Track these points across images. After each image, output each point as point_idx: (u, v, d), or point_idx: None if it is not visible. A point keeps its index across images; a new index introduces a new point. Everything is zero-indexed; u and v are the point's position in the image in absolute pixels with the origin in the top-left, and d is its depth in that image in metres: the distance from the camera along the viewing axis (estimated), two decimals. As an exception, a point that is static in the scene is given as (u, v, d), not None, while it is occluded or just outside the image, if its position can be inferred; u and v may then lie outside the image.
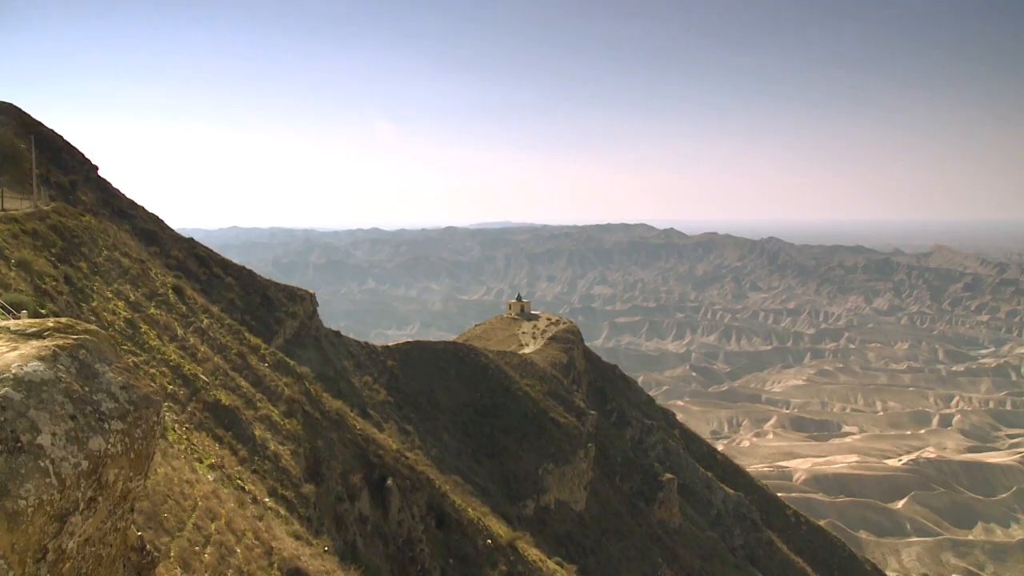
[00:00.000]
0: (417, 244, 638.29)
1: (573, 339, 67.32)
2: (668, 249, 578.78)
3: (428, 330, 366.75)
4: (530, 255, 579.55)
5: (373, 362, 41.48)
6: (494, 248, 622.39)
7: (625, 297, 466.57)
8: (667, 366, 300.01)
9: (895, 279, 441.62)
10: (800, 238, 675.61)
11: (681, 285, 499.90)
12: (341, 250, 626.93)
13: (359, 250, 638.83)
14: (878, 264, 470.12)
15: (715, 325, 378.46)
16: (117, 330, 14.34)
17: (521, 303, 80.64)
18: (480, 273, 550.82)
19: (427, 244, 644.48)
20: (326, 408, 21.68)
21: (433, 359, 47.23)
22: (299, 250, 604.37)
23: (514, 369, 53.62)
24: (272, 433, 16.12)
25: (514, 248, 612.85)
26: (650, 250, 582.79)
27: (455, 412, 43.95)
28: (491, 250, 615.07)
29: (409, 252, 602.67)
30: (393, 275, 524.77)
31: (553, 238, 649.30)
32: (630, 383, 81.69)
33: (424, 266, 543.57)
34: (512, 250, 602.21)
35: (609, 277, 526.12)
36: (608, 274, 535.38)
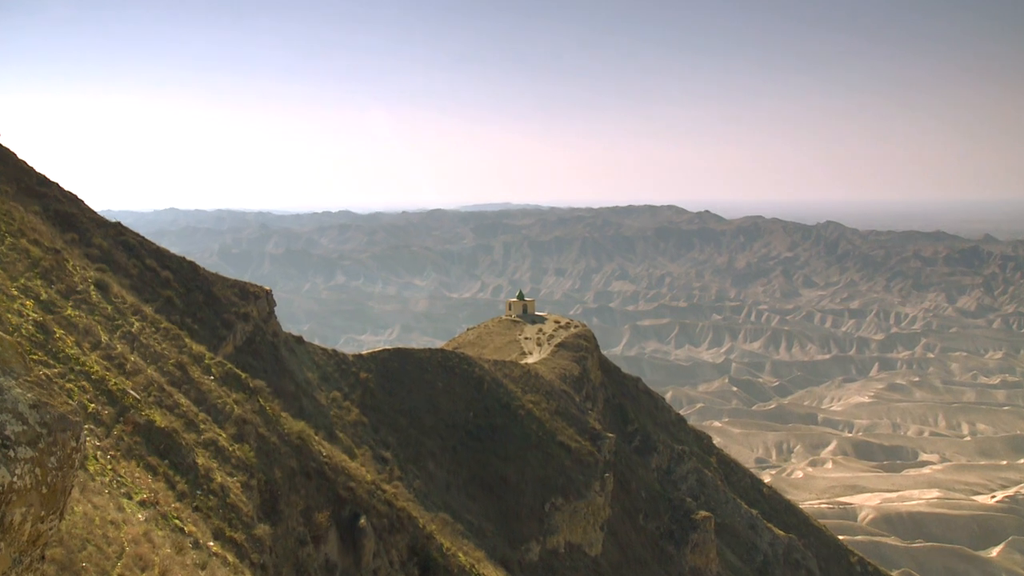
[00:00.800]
0: (397, 230, 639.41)
1: (587, 346, 67.45)
2: (703, 236, 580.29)
3: (410, 335, 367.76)
4: (534, 244, 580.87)
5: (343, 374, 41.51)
6: (491, 235, 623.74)
7: (650, 295, 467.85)
8: (701, 379, 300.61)
9: (985, 273, 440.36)
10: (865, 222, 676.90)
11: (719, 280, 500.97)
12: (304, 237, 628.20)
13: (326, 237, 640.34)
14: (964, 254, 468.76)
15: (760, 329, 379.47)
16: (25, 336, 14.26)
17: (523, 302, 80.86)
18: (473, 266, 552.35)
19: (409, 230, 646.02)
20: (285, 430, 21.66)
21: (416, 370, 47.28)
22: (252, 237, 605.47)
23: (515, 382, 53.73)
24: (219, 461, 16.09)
25: (515, 235, 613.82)
26: (681, 237, 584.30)
27: (443, 435, 44.01)
28: (487, 237, 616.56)
29: (387, 240, 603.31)
30: (367, 268, 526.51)
31: (562, 223, 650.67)
32: (656, 400, 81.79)
33: (405, 257, 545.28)
34: (512, 238, 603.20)
35: (630, 271, 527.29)
36: (629, 267, 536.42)
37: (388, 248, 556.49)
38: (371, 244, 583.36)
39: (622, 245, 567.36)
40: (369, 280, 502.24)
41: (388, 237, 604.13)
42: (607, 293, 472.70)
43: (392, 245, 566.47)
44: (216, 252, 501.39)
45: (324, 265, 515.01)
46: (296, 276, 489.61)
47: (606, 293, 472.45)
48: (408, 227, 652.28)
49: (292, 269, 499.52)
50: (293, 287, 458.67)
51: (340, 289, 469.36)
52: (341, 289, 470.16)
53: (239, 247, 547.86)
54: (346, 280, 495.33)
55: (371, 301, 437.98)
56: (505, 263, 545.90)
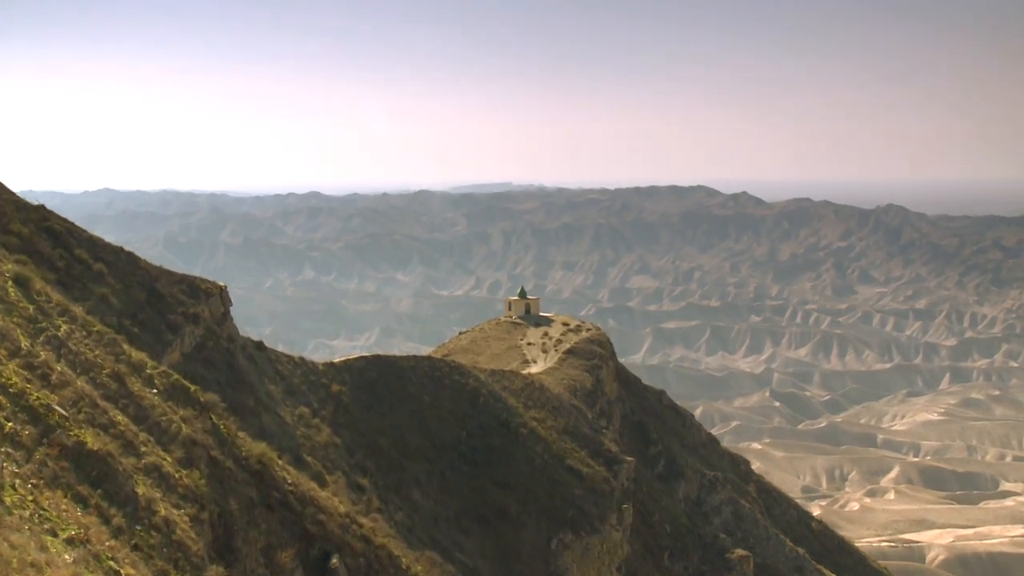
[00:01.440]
0: (376, 215, 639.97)
1: (601, 353, 67.60)
2: (739, 223, 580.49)
3: (392, 340, 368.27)
4: (539, 231, 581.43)
5: (312, 387, 41.57)
6: (487, 221, 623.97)
7: (676, 293, 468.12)
8: (737, 392, 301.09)
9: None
10: (934, 205, 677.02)
11: (758, 274, 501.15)
12: (265, 224, 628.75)
13: (291, 224, 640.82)
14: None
15: (808, 333, 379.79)
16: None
17: (526, 301, 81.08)
18: (467, 258, 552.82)
19: (390, 215, 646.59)
20: (243, 453, 21.67)
21: (399, 382, 47.33)
22: (204, 224, 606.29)
23: (516, 396, 53.85)
24: (163, 491, 16.09)
25: (516, 221, 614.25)
26: (713, 224, 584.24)
27: (431, 459, 44.08)
28: (483, 224, 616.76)
29: (364, 227, 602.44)
30: (341, 260, 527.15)
31: (573, 207, 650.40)
32: (684, 417, 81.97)
33: (386, 247, 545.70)
34: (513, 224, 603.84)
35: (653, 263, 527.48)
36: (652, 259, 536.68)
37: (365, 236, 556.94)
38: (345, 232, 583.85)
39: (643, 233, 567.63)
40: (343, 275, 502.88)
41: (365, 223, 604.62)
42: (625, 290, 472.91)
43: (370, 233, 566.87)
44: (160, 241, 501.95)
45: (289, 257, 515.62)
46: (256, 270, 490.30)
47: (624, 290, 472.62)
48: (389, 211, 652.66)
49: (251, 262, 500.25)
50: (253, 283, 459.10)
51: (309, 285, 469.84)
52: (310, 285, 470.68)
53: (188, 235, 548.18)
54: (316, 275, 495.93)
55: (345, 300, 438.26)
56: (504, 255, 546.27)
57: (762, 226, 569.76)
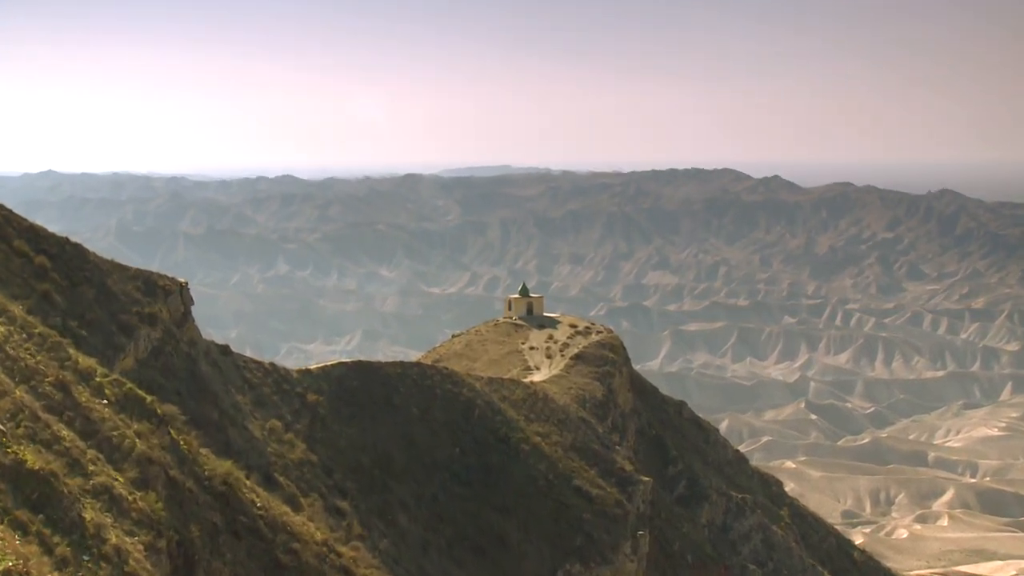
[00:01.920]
0: (357, 202, 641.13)
1: (614, 359, 67.80)
2: (771, 210, 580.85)
3: (376, 343, 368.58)
4: (543, 221, 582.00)
5: (285, 397, 41.61)
6: (484, 209, 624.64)
7: (699, 290, 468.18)
8: (769, 403, 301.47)
9: None
10: (993, 190, 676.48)
11: (793, 269, 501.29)
12: (232, 212, 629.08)
13: (262, 212, 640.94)
14: None
15: (849, 336, 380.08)
16: None
17: (528, 299, 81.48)
18: (461, 250, 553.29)
19: (374, 202, 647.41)
20: (206, 473, 21.71)
21: (384, 392, 47.38)
22: (162, 211, 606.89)
23: (517, 408, 54.01)
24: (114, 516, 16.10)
25: (516, 209, 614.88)
26: (741, 212, 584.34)
27: (420, 479, 44.23)
28: (479, 212, 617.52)
29: (344, 215, 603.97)
30: (318, 253, 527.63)
31: (581, 193, 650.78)
32: (707, 432, 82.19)
33: (369, 239, 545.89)
34: (514, 212, 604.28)
35: (673, 257, 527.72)
36: (672, 251, 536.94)
37: (345, 226, 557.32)
38: (323, 221, 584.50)
39: (661, 222, 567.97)
40: (320, 270, 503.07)
41: (345, 211, 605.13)
42: (641, 287, 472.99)
43: (351, 222, 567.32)
44: (112, 231, 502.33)
45: (259, 249, 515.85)
46: (221, 264, 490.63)
47: (639, 287, 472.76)
48: (372, 198, 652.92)
49: (215, 255, 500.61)
50: (217, 279, 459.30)
51: (281, 282, 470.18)
52: (282, 282, 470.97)
53: (144, 224, 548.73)
54: (289, 270, 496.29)
55: (323, 298, 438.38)
56: (503, 247, 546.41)
57: (797, 214, 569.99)
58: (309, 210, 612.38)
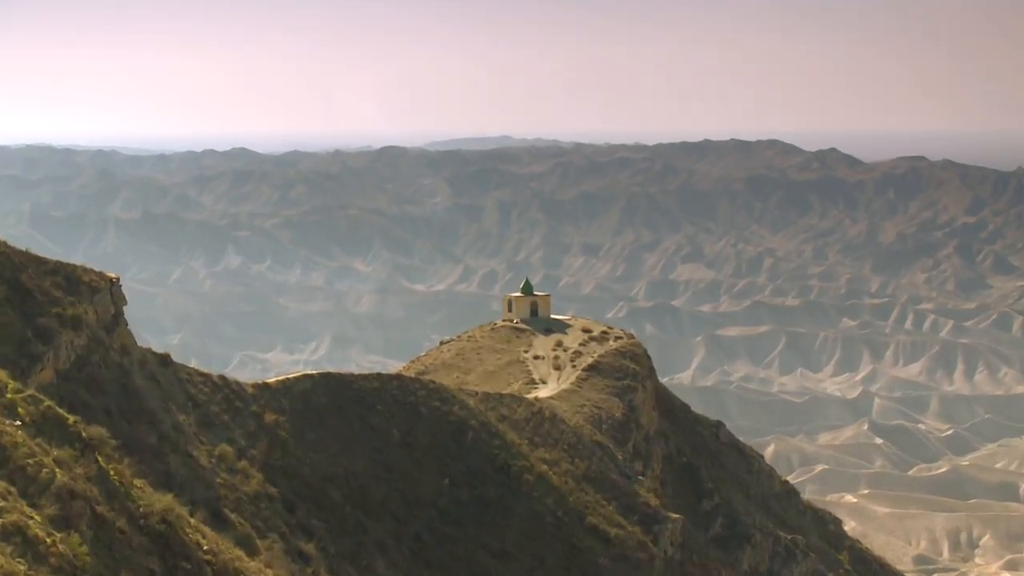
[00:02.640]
0: (326, 181, 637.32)
1: (635, 370, 67.95)
2: (826, 190, 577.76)
3: (348, 351, 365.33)
4: (550, 203, 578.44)
5: (238, 417, 41.60)
6: (478, 189, 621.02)
7: (739, 287, 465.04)
8: (824, 424, 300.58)
9: None
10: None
11: (852, 262, 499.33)
12: (173, 192, 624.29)
13: (209, 192, 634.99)
14: None
15: (922, 343, 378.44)
16: None
17: (532, 298, 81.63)
18: (451, 239, 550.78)
19: (346, 181, 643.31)
20: (141, 509, 21.70)
21: (357, 411, 47.38)
22: (88, 192, 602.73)
23: (518, 430, 53.96)
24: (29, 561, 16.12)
25: (518, 189, 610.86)
26: (790, 192, 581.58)
27: (401, 516, 44.06)
28: (472, 193, 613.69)
29: (310, 197, 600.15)
30: (278, 242, 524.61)
31: (595, 170, 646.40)
32: (750, 459, 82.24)
33: (341, 225, 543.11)
34: (514, 193, 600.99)
35: (707, 247, 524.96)
36: (705, 241, 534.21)
37: (311, 210, 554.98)
38: (284, 203, 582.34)
39: (694, 205, 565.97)
40: (281, 263, 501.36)
41: (311, 192, 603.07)
42: (668, 284, 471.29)
43: (318, 206, 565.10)
44: (26, 216, 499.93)
45: (206, 238, 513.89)
46: (160, 256, 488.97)
47: (667, 284, 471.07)
48: (344, 176, 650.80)
49: (154, 244, 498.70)
50: (156, 273, 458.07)
51: (233, 277, 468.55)
52: (235, 277, 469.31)
53: (65, 208, 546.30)
54: (243, 262, 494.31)
55: (284, 297, 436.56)
56: (502, 235, 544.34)
57: (858, 195, 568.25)
58: (267, 190, 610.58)
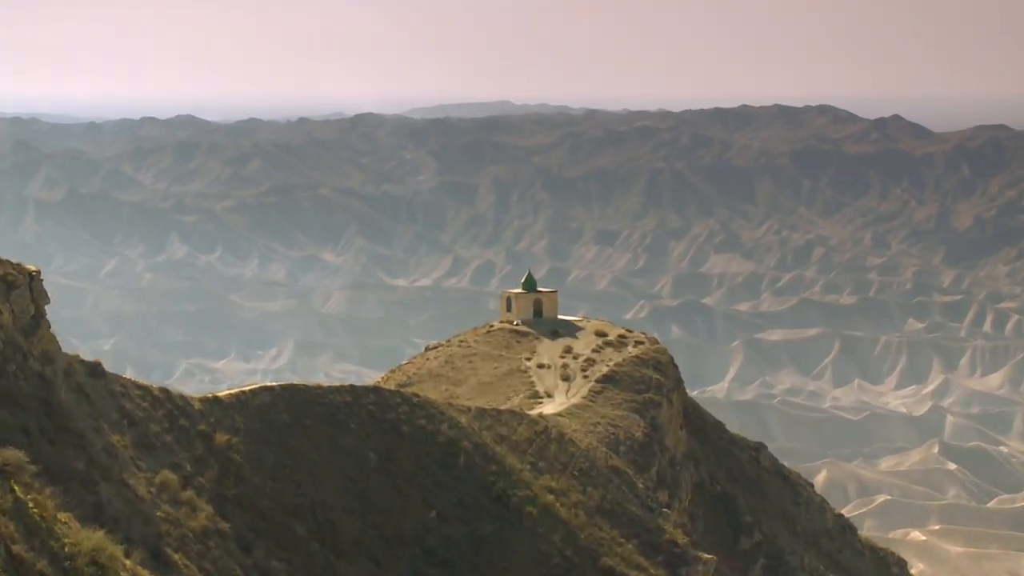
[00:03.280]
0: (288, 155, 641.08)
1: (660, 381, 67.99)
2: (889, 166, 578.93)
3: (316, 359, 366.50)
4: (556, 181, 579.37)
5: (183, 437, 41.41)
6: (471, 165, 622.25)
7: (783, 281, 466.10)
8: (885, 446, 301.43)
9: None
10: None
11: (921, 252, 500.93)
12: (105, 168, 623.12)
13: (149, 169, 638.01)
14: None
15: (1004, 349, 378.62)
16: None
17: (536, 295, 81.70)
18: (438, 225, 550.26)
19: (312, 155, 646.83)
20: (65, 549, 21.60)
21: (327, 430, 47.19)
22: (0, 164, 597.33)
23: (520, 452, 53.91)
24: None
25: (518, 165, 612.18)
26: (845, 168, 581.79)
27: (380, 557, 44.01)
28: (464, 170, 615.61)
29: (269, 174, 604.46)
30: (231, 229, 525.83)
31: (612, 142, 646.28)
32: (797, 488, 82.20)
33: (305, 208, 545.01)
34: (515, 170, 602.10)
35: (745, 234, 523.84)
36: (743, 226, 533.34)
37: (271, 190, 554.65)
38: (238, 182, 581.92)
39: (729, 184, 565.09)
40: (235, 252, 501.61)
41: (271, 168, 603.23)
42: (699, 278, 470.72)
43: (279, 185, 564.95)
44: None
45: (146, 222, 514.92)
46: (90, 245, 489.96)
47: (697, 278, 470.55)
48: (311, 148, 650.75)
49: (82, 231, 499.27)
50: (85, 266, 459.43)
51: (177, 270, 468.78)
52: (179, 270, 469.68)
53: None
54: (189, 251, 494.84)
55: (238, 293, 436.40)
56: (499, 220, 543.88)
57: (926, 172, 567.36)
58: (218, 166, 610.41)
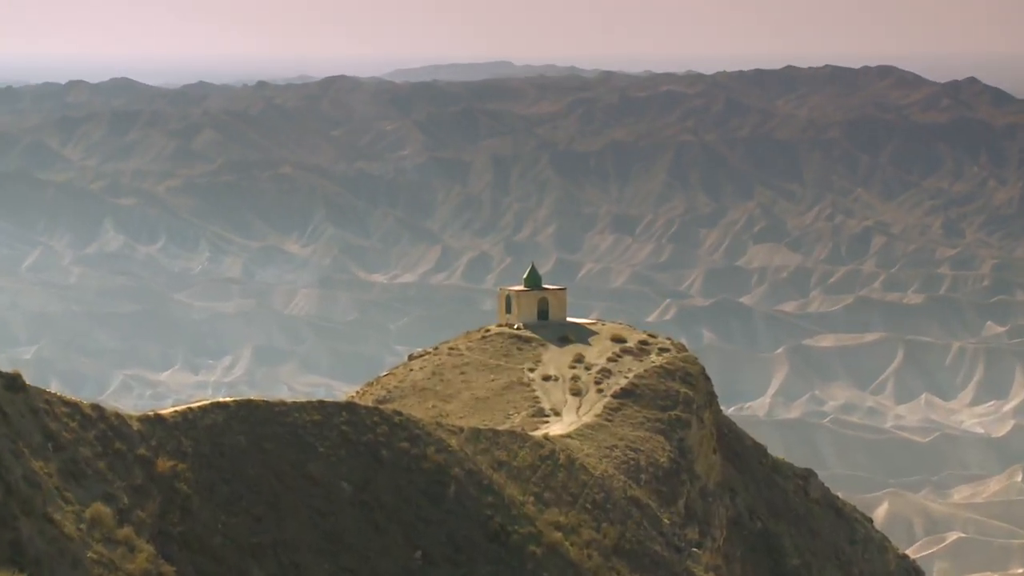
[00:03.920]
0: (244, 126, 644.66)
1: (689, 397, 68.09)
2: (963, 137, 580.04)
3: (277, 369, 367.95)
4: (564, 156, 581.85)
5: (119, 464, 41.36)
6: (464, 137, 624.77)
7: (837, 277, 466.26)
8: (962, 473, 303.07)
9: None
10: None
11: (1001, 241, 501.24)
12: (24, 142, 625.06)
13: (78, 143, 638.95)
14: None
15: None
16: None
17: (541, 294, 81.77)
18: (423, 209, 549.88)
19: (274, 126, 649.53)
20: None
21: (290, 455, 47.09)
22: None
23: (521, 482, 54.08)
24: None
25: (521, 138, 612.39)
26: (911, 141, 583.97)
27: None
28: (455, 143, 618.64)
29: (222, 148, 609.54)
30: (176, 214, 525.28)
31: (631, 109, 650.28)
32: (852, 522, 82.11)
33: (267, 188, 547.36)
34: (515, 142, 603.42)
35: (791, 220, 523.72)
36: (789, 211, 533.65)
37: (224, 168, 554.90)
38: (184, 158, 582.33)
39: (771, 160, 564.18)
40: (181, 242, 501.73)
41: (224, 142, 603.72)
42: (735, 273, 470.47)
43: (233, 161, 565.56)
44: None
45: (74, 207, 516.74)
46: (8, 233, 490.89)
47: (733, 272, 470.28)
48: (271, 119, 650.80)
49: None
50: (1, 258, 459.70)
51: (112, 264, 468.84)
52: (114, 263, 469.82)
53: None
54: (126, 242, 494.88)
55: (185, 291, 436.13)
56: (497, 203, 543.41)
57: (1008, 145, 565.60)
58: (161, 140, 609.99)
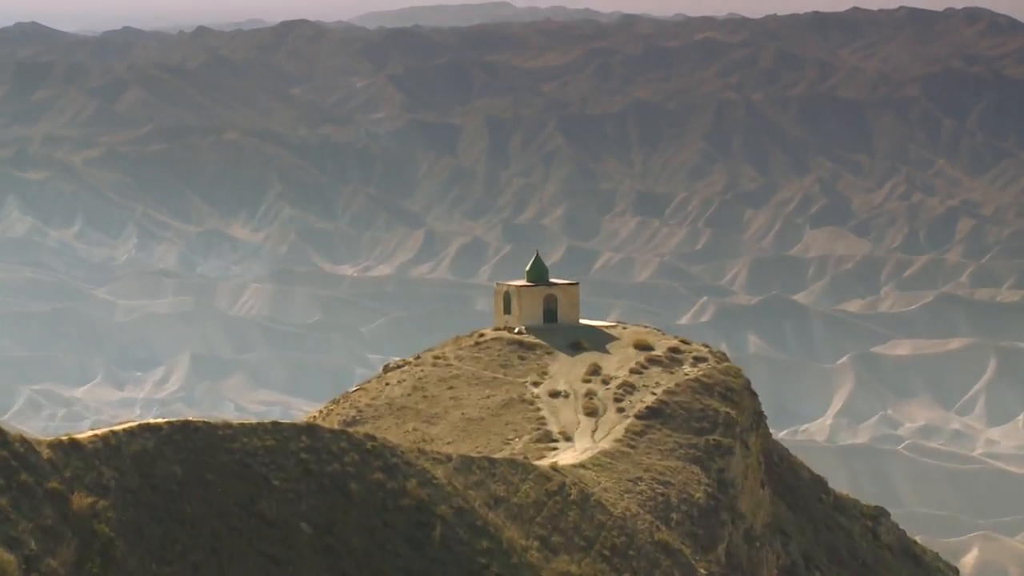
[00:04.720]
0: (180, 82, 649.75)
1: (730, 418, 69.05)
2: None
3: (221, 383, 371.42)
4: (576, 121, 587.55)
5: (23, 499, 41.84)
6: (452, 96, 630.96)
7: (914, 270, 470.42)
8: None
9: None
10: None
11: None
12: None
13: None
14: None
15: None
16: None
17: (547, 290, 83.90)
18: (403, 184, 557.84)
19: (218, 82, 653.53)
20: None
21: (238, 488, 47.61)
22: None
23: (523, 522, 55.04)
24: None
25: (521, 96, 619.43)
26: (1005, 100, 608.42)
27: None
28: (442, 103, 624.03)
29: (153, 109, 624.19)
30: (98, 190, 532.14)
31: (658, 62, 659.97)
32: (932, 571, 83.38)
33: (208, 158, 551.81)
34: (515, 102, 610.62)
35: (857, 197, 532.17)
36: (856, 185, 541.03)
37: (155, 134, 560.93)
38: (106, 121, 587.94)
39: (832, 123, 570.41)
40: (102, 225, 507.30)
41: (155, 102, 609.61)
42: (788, 263, 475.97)
43: (167, 127, 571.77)
44: None
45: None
46: None
47: (786, 263, 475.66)
48: (214, 73, 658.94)
49: None
50: None
51: (17, 252, 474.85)
52: (19, 252, 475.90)
53: None
54: (34, 225, 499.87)
55: (107, 287, 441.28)
56: (493, 178, 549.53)
57: None
58: (78, 99, 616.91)
